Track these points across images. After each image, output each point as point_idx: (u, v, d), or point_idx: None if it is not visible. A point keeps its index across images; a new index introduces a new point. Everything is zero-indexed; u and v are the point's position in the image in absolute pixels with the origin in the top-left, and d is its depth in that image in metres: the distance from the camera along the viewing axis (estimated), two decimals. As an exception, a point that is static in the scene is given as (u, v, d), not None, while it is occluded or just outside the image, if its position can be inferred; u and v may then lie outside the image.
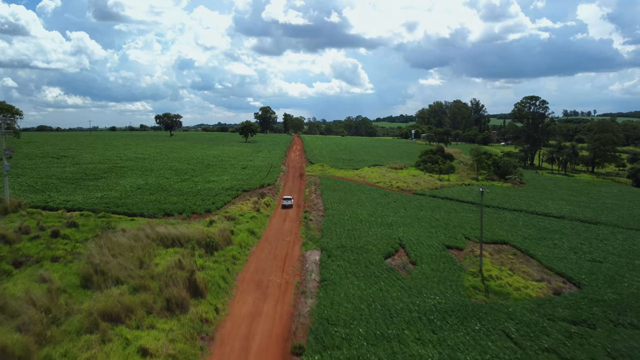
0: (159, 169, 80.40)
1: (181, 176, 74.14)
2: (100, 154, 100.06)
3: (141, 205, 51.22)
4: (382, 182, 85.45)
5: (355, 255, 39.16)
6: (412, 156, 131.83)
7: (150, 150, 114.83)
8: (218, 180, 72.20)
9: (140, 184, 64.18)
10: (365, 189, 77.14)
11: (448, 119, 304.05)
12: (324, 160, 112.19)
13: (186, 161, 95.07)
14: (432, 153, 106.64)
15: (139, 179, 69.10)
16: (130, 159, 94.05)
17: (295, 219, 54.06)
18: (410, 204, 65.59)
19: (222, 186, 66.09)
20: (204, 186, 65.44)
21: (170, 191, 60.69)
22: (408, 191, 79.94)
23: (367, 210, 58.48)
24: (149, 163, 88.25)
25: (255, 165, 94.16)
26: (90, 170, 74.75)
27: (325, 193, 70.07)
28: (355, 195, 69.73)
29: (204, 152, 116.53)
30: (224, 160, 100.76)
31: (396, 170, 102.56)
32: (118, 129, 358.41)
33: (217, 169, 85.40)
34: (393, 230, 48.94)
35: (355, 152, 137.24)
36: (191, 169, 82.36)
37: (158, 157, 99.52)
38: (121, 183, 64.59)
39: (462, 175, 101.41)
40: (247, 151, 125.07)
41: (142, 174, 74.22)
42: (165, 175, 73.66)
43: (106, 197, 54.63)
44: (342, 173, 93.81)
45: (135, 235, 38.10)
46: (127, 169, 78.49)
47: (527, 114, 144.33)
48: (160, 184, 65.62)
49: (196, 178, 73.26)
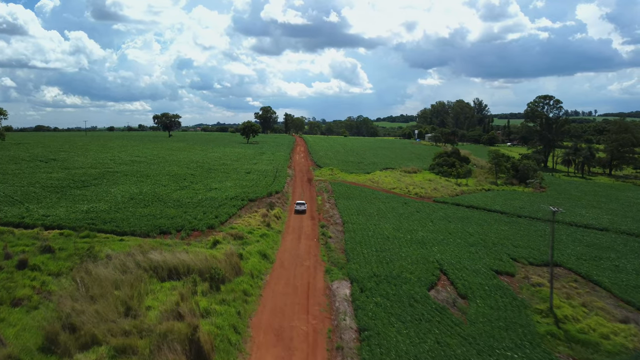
0: (156, 174, 72.74)
1: (180, 183, 66.51)
2: (93, 157, 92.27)
3: (133, 220, 43.56)
4: (398, 188, 78.01)
5: (393, 287, 31.66)
6: (422, 158, 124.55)
7: (147, 153, 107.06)
8: (221, 187, 64.61)
9: (134, 193, 56.54)
10: (381, 196, 69.69)
11: (451, 119, 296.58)
12: (332, 163, 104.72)
13: (185, 165, 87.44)
14: (447, 156, 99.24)
15: (132, 186, 61.45)
16: (125, 162, 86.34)
17: (311, 235, 46.53)
18: (435, 215, 58.18)
19: (226, 195, 58.49)
20: (206, 195, 57.84)
21: (167, 202, 53.06)
22: (427, 198, 72.55)
23: (391, 224, 51.03)
24: (144, 167, 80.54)
25: (260, 170, 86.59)
26: (79, 176, 67.04)
27: (340, 202, 62.60)
28: (373, 204, 62.29)
29: (204, 155, 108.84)
30: (226, 163, 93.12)
31: (410, 174, 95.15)
32: (116, 129, 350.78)
33: (219, 174, 77.79)
34: (427, 250, 41.51)
35: (362, 154, 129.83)
36: (191, 175, 74.72)
37: (155, 160, 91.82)
38: (112, 192, 56.90)
39: (480, 180, 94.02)
40: (250, 153, 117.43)
41: (137, 180, 66.54)
42: (162, 182, 66.01)
43: (93, 210, 46.95)
44: (354, 178, 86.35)
45: (123, 264, 30.53)
46: (120, 174, 70.80)
47: (541, 113, 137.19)
48: (156, 192, 57.97)
49: (196, 185, 65.65)
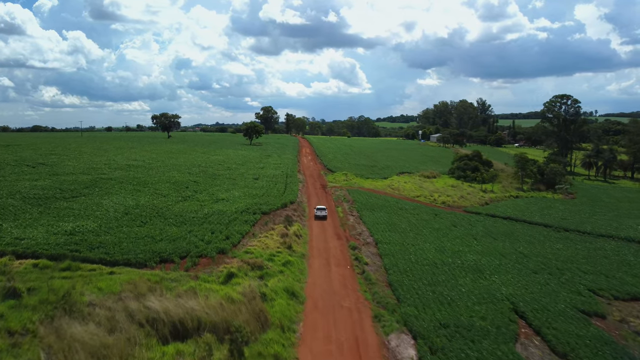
0: (154, 181, 64.38)
1: (182, 192, 58.21)
2: (86, 161, 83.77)
3: (127, 245, 35.26)
4: (423, 196, 69.98)
5: (471, 344, 23.57)
6: (435, 161, 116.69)
7: (145, 156, 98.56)
8: (228, 197, 56.36)
9: (129, 206, 48.21)
10: (407, 206, 61.64)
11: (454, 119, 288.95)
12: (344, 167, 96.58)
13: (187, 170, 79.10)
14: (468, 159, 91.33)
15: (127, 197, 53.13)
16: (121, 167, 77.91)
17: (341, 259, 38.33)
18: (475, 230, 50.20)
19: (235, 207, 50.28)
20: (212, 208, 49.55)
21: (169, 217, 44.77)
22: (457, 208, 64.58)
23: (431, 243, 42.97)
24: (142, 173, 72.14)
25: (269, 175, 78.35)
26: (68, 184, 58.62)
27: (365, 214, 54.50)
28: (401, 217, 54.26)
29: (206, 158, 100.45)
30: (230, 168, 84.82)
31: (429, 179, 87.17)
32: (114, 129, 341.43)
33: (225, 181, 69.49)
34: (488, 282, 33.48)
35: (372, 156, 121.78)
36: (193, 182, 66.39)
37: (154, 165, 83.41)
38: (104, 205, 48.56)
39: (505, 185, 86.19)
40: (255, 156, 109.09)
41: (133, 189, 58.20)
42: (161, 191, 57.69)
43: (79, 230, 38.62)
44: (371, 184, 78.24)
45: (110, 316, 22.34)
46: (114, 181, 62.42)
47: (558, 114, 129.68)
48: (155, 205, 49.65)
49: (201, 195, 57.37)
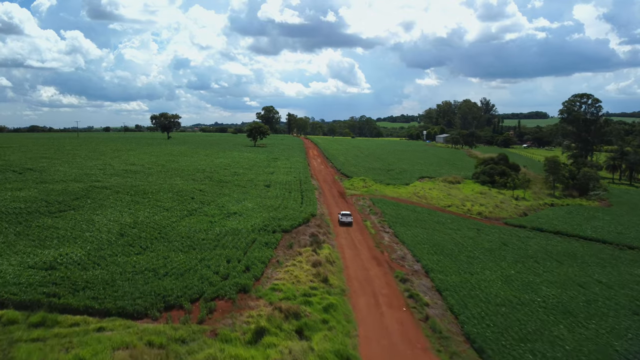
0: (155, 190, 56.20)
1: (187, 204, 50.07)
2: (80, 166, 75.44)
3: (122, 283, 27.09)
4: (455, 206, 62.13)
5: None
6: (452, 163, 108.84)
7: (144, 159, 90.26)
8: (241, 210, 48.27)
9: (125, 224, 40.07)
10: (442, 218, 53.79)
11: (458, 119, 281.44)
12: (358, 171, 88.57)
13: (190, 175, 70.92)
14: (493, 163, 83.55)
15: (124, 211, 44.96)
16: (117, 172, 69.66)
17: (391, 296, 30.14)
18: (530, 250, 42.38)
19: (251, 224, 42.20)
20: (224, 225, 41.45)
21: (173, 239, 36.67)
22: (496, 220, 56.83)
23: (491, 270, 35.08)
24: (141, 180, 63.94)
25: (281, 182, 70.29)
26: (56, 194, 50.37)
27: (399, 229, 46.52)
28: (442, 233, 46.37)
29: (210, 161, 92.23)
30: (238, 173, 76.66)
31: (453, 184, 79.30)
32: (113, 129, 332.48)
33: (234, 189, 61.38)
34: (589, 331, 25.58)
35: (385, 158, 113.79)
36: (199, 190, 58.25)
37: (153, 170, 75.18)
38: (96, 222, 40.41)
39: (535, 191, 78.46)
40: (262, 159, 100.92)
41: (131, 200, 50.02)
42: (163, 203, 49.54)
43: (62, 260, 30.47)
44: (394, 191, 70.29)
45: None
46: (110, 191, 54.23)
47: (579, 114, 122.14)
48: (157, 222, 41.50)
49: (209, 207, 49.26)
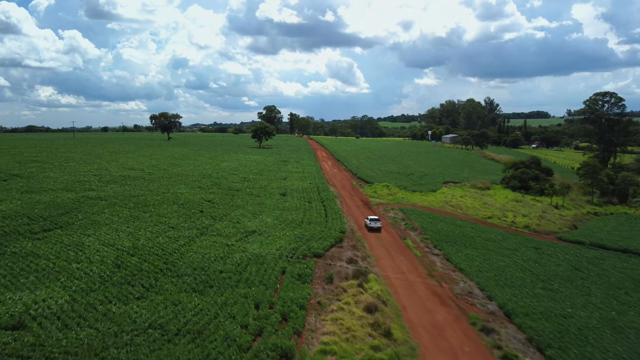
0: (157, 201, 48.18)
1: (195, 219, 42.06)
2: (73, 171, 67.28)
3: (116, 351, 19.11)
4: (495, 217, 54.40)
5: None
6: (469, 166, 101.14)
7: (144, 163, 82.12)
8: (260, 228, 40.28)
9: (123, 250, 32.05)
10: (489, 233, 46.00)
11: (462, 118, 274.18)
12: (377, 175, 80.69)
13: (196, 182, 62.89)
14: (524, 166, 75.93)
15: (121, 230, 36.95)
16: (115, 179, 61.56)
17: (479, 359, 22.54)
18: (613, 277, 34.71)
19: (276, 248, 34.29)
20: (245, 251, 33.42)
21: (184, 273, 28.67)
22: (547, 234, 49.17)
23: (589, 312, 27.37)
24: (141, 188, 55.93)
25: (297, 189, 62.41)
26: (42, 207, 42.32)
27: (448, 250, 38.65)
28: (498, 254, 38.59)
29: (215, 165, 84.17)
30: (248, 179, 68.63)
31: (483, 191, 71.57)
32: (111, 129, 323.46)
33: (247, 199, 53.40)
34: None
35: (399, 161, 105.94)
36: (208, 201, 50.23)
37: (155, 175, 67.09)
38: (86, 247, 32.40)
39: (573, 198, 70.86)
40: (270, 162, 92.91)
41: (129, 215, 41.99)
42: (168, 219, 41.53)
43: (36, 312, 22.38)
44: (422, 199, 62.45)
45: None
46: (105, 203, 46.19)
47: (602, 113, 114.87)
48: (162, 247, 33.49)
49: (222, 223, 41.24)
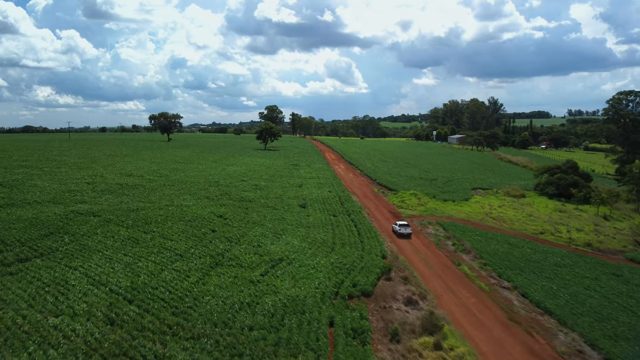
0: (160, 218, 40.39)
1: (207, 243, 34.22)
2: (63, 179, 59.37)
3: None
4: (547, 232, 46.85)
5: None
6: (489, 169, 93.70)
7: (144, 167, 74.19)
8: (287, 253, 32.49)
9: (119, 292, 24.20)
10: (551, 255, 38.42)
11: (466, 118, 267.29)
12: (398, 181, 72.99)
13: (203, 191, 55.11)
14: (561, 171, 68.61)
15: (116, 261, 29.15)
16: (110, 188, 53.72)
17: None
18: None
19: (315, 285, 26.61)
20: (276, 291, 25.58)
21: (201, 333, 20.81)
22: (611, 254, 41.72)
23: None
24: (140, 199, 48.11)
25: (316, 199, 54.76)
26: (21, 227, 34.47)
27: (518, 281, 31.19)
28: (578, 286, 31.05)
29: (221, 170, 76.33)
30: (260, 186, 60.83)
31: (518, 199, 64.05)
32: (109, 129, 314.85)
33: (264, 213, 45.60)
34: None
35: (416, 164, 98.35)
36: (219, 217, 42.39)
37: (156, 183, 59.26)
38: (70, 288, 24.57)
39: (618, 207, 63.48)
40: (280, 166, 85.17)
41: (127, 237, 34.20)
42: (174, 244, 33.72)
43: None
44: (458, 210, 54.87)
45: None
46: (97, 220, 38.40)
47: (627, 113, 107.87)
48: (169, 287, 25.70)
49: (239, 247, 33.46)
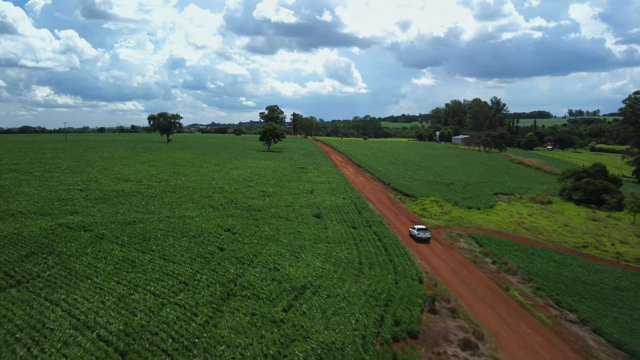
0: (161, 234, 35.22)
1: (215, 265, 29.02)
2: (55, 184, 54.12)
3: None
4: (590, 245, 41.81)
5: None
6: (503, 171, 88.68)
7: (142, 171, 68.97)
8: (310, 278, 27.18)
9: (107, 341, 18.89)
10: (606, 275, 33.36)
11: (469, 119, 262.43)
12: (411, 185, 67.82)
13: (206, 198, 49.89)
14: (588, 175, 63.67)
15: (107, 290, 23.98)
16: (105, 195, 48.54)
17: None
18: None
19: (351, 329, 21.57)
20: (306, 338, 20.44)
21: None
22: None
23: None
24: (138, 209, 42.94)
25: (330, 207, 49.62)
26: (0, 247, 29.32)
27: (579, 309, 26.28)
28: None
29: (225, 173, 71.08)
30: (268, 193, 55.59)
31: (546, 205, 59.23)
32: (108, 130, 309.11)
33: (277, 225, 40.34)
34: None
35: (427, 166, 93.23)
36: (227, 231, 37.19)
37: (155, 190, 54.04)
38: (47, 333, 19.35)
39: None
40: (286, 169, 79.98)
41: (121, 260, 29.03)
42: (177, 268, 28.54)
43: None
44: (485, 219, 49.74)
45: None
46: (88, 236, 33.21)
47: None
48: (170, 328, 20.42)
49: (252, 272, 28.25)
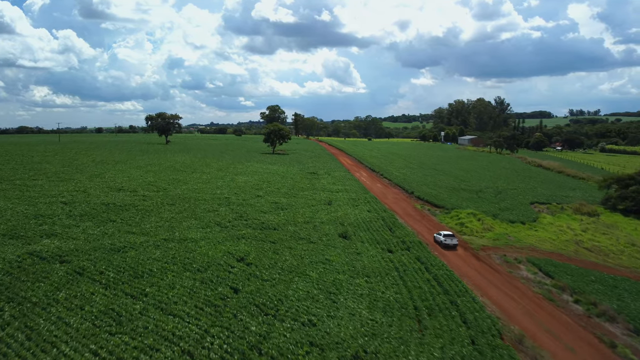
0: (155, 267, 27.65)
1: (229, 319, 21.42)
2: (35, 196, 46.40)
3: None
4: (673, 273, 34.83)
5: None
6: (529, 177, 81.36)
7: (137, 178, 61.27)
8: (364, 345, 19.70)
9: None
10: None
11: (473, 119, 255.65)
12: (437, 193, 60.26)
13: (211, 212, 42.30)
14: (636, 182, 56.60)
15: None
16: (92, 211, 40.91)
17: None
18: None
19: None
20: None
21: None
22: None
23: None
24: (130, 229, 35.32)
25: (356, 223, 42.15)
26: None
27: None
28: None
29: (230, 180, 63.44)
30: (281, 205, 47.94)
31: (594, 217, 52.08)
32: (106, 130, 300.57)
33: (299, 251, 32.85)
34: None
35: (445, 169, 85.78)
36: (240, 261, 29.67)
37: (152, 201, 46.41)
38: None
39: None
40: (296, 175, 72.38)
41: (104, 311, 21.51)
42: (176, 324, 20.92)
43: None
44: (535, 236, 42.38)
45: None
46: (64, 270, 25.67)
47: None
48: None
49: (280, 330, 20.69)
